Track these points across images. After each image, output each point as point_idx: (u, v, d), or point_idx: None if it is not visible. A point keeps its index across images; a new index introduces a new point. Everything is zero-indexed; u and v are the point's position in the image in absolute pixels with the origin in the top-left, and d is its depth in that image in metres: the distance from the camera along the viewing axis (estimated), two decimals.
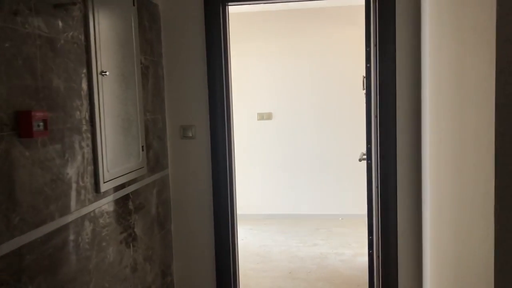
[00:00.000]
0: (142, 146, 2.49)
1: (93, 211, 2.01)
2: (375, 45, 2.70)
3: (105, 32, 2.11)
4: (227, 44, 2.95)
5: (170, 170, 2.93)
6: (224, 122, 2.90)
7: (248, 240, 4.71)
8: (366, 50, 2.94)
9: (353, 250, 4.31)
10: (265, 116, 5.47)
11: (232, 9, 3.05)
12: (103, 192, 2.08)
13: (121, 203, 2.28)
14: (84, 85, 1.95)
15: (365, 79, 3.31)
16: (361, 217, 5.28)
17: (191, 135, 2.90)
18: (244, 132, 5.38)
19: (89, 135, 1.98)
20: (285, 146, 5.47)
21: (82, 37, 1.94)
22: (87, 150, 1.96)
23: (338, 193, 5.40)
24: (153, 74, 2.70)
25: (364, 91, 3.39)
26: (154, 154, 2.68)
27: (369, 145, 2.97)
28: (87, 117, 1.96)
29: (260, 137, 5.51)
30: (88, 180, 1.96)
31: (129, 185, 2.35)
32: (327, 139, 5.39)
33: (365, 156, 3.31)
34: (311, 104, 5.38)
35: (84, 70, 1.95)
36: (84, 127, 1.94)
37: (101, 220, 2.07)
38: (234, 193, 3.05)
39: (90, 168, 1.98)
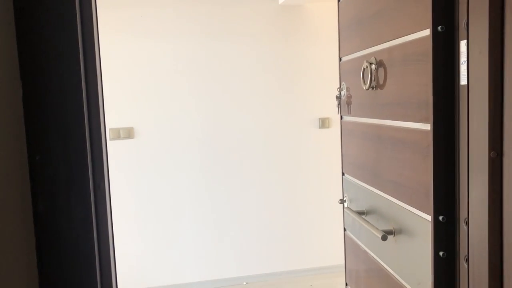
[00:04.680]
0: None
1: None
2: None
3: None
4: None
5: None
6: (88, 187, 0.96)
7: None
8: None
9: None
10: (123, 134, 3.44)
11: None
12: None
13: None
14: None
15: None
16: (270, 278, 3.67)
17: None
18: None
19: None
20: (153, 180, 3.51)
21: None
22: None
23: (237, 249, 3.66)
24: None
25: (367, 88, 1.74)
26: None
27: (441, 215, 1.32)
28: None
29: (113, 166, 3.46)
30: None
31: None
32: (221, 167, 3.60)
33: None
34: (196, 113, 3.53)
35: None
36: None
37: None
38: None
39: None
